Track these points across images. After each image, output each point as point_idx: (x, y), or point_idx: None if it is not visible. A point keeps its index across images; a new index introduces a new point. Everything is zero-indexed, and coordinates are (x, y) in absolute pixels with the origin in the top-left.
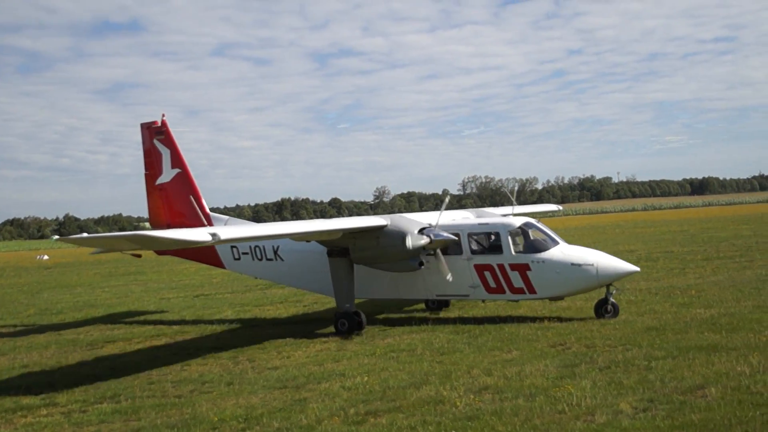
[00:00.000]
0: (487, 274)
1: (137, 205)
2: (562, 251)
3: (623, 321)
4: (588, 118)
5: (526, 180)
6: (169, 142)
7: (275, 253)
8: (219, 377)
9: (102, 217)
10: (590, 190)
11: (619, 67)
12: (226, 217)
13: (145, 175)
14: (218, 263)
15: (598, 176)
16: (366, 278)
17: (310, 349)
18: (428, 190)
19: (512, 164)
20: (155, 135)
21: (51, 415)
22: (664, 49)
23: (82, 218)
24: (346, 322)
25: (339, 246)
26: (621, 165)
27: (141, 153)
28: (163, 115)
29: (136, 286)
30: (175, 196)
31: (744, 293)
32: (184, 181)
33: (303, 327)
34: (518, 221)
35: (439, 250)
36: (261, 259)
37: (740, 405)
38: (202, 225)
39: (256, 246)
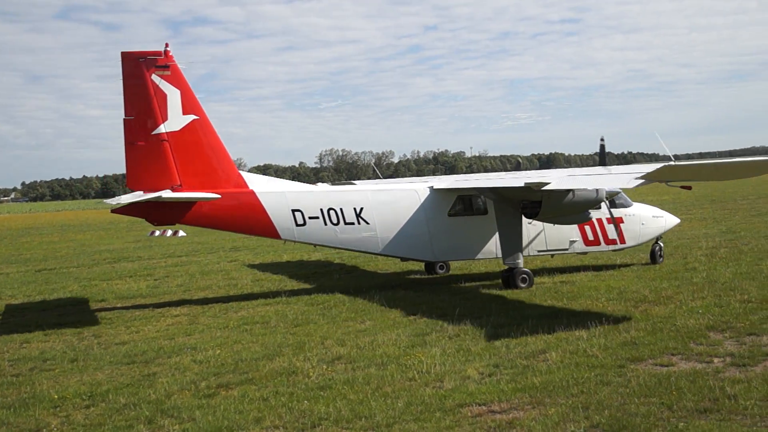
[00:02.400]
0: (587, 228)
1: None
2: (642, 205)
3: (474, 290)
4: (443, 93)
5: (383, 154)
6: (179, 81)
7: (357, 215)
8: (62, 354)
9: None
10: (445, 164)
11: (473, 44)
12: (265, 177)
13: (128, 121)
14: (270, 231)
15: (453, 151)
16: (470, 238)
17: (160, 323)
18: (285, 162)
19: (369, 138)
20: (156, 69)
21: None
22: (515, 28)
23: None
24: (527, 277)
25: (533, 200)
26: (474, 140)
27: None
28: (167, 45)
29: None
30: (190, 150)
31: (584, 262)
32: (203, 131)
33: (153, 300)
34: None
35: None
36: (337, 224)
37: (577, 367)
38: (236, 185)
39: (330, 208)
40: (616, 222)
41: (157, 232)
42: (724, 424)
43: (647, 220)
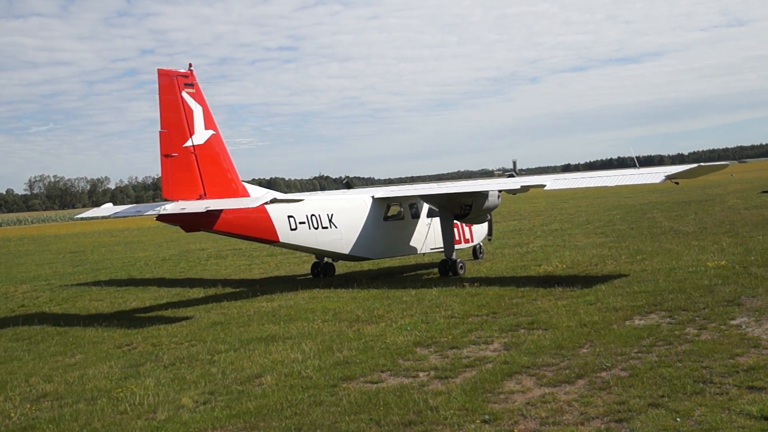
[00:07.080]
0: (455, 229)
1: None
2: None
3: (190, 319)
4: None
5: (98, 180)
6: (200, 98)
7: (330, 220)
8: None
9: None
10: None
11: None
12: (263, 188)
13: (163, 134)
14: (271, 235)
15: None
16: (395, 238)
17: None
18: None
19: (84, 163)
20: (184, 87)
21: None
22: (233, 54)
23: None
24: (463, 264)
25: (466, 204)
26: None
27: None
28: (191, 65)
29: None
30: (210, 163)
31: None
32: (218, 145)
33: None
34: None
35: None
36: (317, 228)
37: (292, 389)
38: (244, 194)
39: (312, 214)
40: (469, 225)
41: None
42: None
43: (486, 225)
